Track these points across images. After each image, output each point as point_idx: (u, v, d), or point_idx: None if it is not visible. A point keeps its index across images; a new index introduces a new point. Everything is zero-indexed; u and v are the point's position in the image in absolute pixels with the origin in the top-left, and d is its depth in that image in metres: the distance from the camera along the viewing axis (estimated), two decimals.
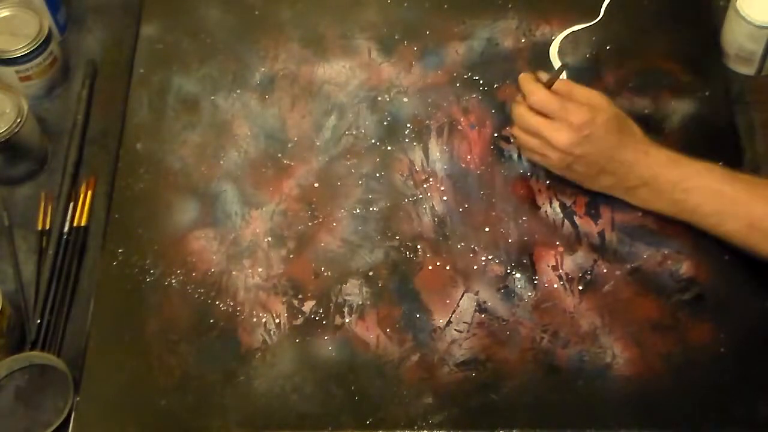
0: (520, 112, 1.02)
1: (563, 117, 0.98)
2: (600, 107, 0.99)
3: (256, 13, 1.21)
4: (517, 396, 0.94)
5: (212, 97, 1.14)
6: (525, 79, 1.03)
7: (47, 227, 1.06)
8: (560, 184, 1.05)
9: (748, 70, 1.14)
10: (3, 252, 1.05)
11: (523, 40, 1.16)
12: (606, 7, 1.18)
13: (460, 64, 1.15)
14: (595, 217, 1.03)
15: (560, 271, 1.00)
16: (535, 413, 0.93)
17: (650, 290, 0.99)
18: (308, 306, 0.99)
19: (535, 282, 0.99)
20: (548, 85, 1.01)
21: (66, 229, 1.06)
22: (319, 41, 1.18)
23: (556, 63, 1.14)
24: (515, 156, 1.07)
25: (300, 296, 1.00)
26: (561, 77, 1.05)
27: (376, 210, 1.05)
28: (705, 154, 1.06)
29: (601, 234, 1.02)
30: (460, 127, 1.10)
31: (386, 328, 0.98)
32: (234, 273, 1.02)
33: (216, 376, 0.96)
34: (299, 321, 0.99)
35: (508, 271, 1.00)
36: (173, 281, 1.01)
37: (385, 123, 1.11)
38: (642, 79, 1.12)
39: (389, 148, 1.09)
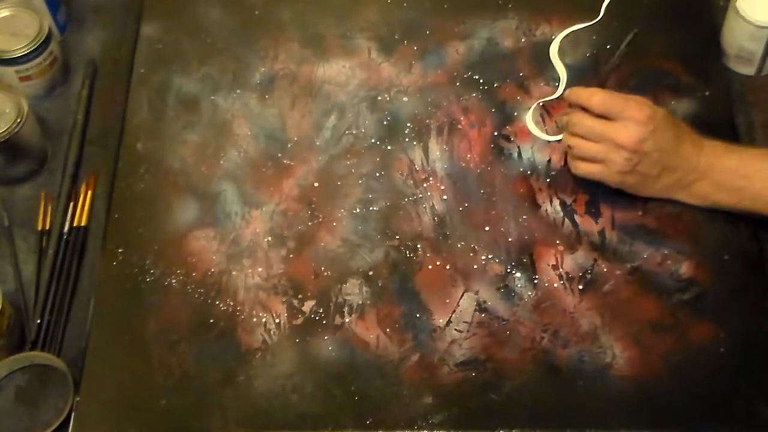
0: (578, 119, 1.00)
1: (627, 114, 0.97)
2: (652, 103, 0.98)
3: (256, 13, 1.21)
4: (517, 396, 0.94)
5: (212, 97, 1.14)
6: (576, 89, 1.02)
7: (47, 227, 1.06)
8: (560, 182, 1.05)
9: (748, 70, 1.14)
10: (3, 252, 1.05)
11: (523, 40, 1.16)
12: (606, 7, 1.18)
13: (460, 64, 1.15)
14: (595, 215, 1.03)
15: (560, 270, 1.00)
16: (535, 413, 0.93)
17: (650, 290, 0.99)
18: (308, 306, 0.99)
19: (536, 281, 0.99)
20: (601, 85, 1.02)
21: (66, 229, 1.06)
22: (319, 41, 1.18)
23: (557, 63, 1.14)
24: (515, 155, 1.07)
25: (300, 296, 1.00)
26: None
27: (376, 209, 1.05)
28: None
29: (602, 233, 1.02)
30: (460, 127, 1.10)
31: (386, 327, 0.98)
32: (234, 273, 1.02)
33: (216, 376, 0.96)
34: (299, 321, 0.99)
35: (508, 270, 1.00)
36: (173, 281, 1.01)
37: (385, 122, 1.11)
38: (642, 79, 1.12)
39: (389, 147, 1.09)
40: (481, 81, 1.13)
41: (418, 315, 0.98)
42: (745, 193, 0.96)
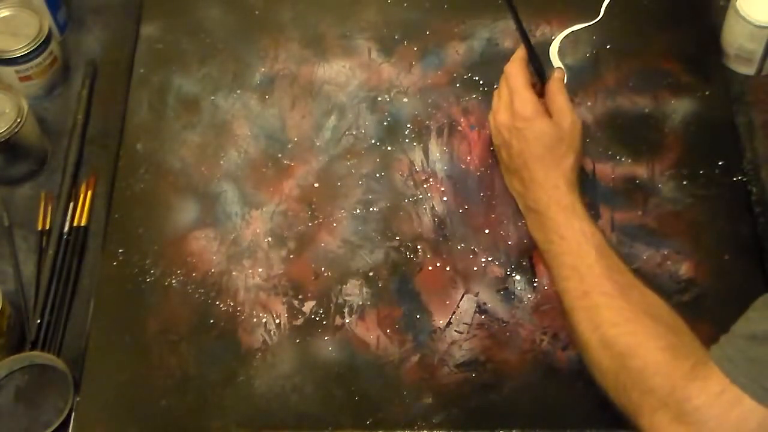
0: (505, 68, 1.02)
1: (513, 99, 0.99)
2: (555, 122, 0.97)
3: (256, 13, 1.21)
4: (516, 397, 0.94)
5: (212, 97, 1.14)
6: (519, 49, 1.02)
7: (47, 227, 1.06)
8: None
9: (748, 70, 1.14)
10: (3, 252, 1.05)
11: None
12: (606, 7, 1.18)
13: (460, 65, 1.15)
14: (594, 218, 1.02)
15: None
16: (534, 414, 0.93)
17: None
18: (308, 306, 1.00)
19: (535, 284, 0.99)
20: (535, 67, 1.02)
21: (66, 229, 1.06)
22: (319, 41, 1.18)
23: (556, 62, 1.14)
24: None
25: (300, 296, 1.00)
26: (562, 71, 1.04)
27: (376, 210, 1.05)
28: (705, 154, 1.07)
29: None
30: (460, 128, 1.10)
31: (386, 328, 0.98)
32: (234, 273, 1.02)
33: (216, 376, 0.96)
34: (299, 321, 0.99)
35: (508, 272, 1.00)
36: (173, 281, 1.01)
37: (385, 123, 1.11)
38: (642, 79, 1.12)
39: (389, 148, 1.09)
40: (481, 82, 1.13)
41: (418, 316, 0.98)
42: (550, 248, 0.93)
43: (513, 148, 0.99)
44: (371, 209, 1.05)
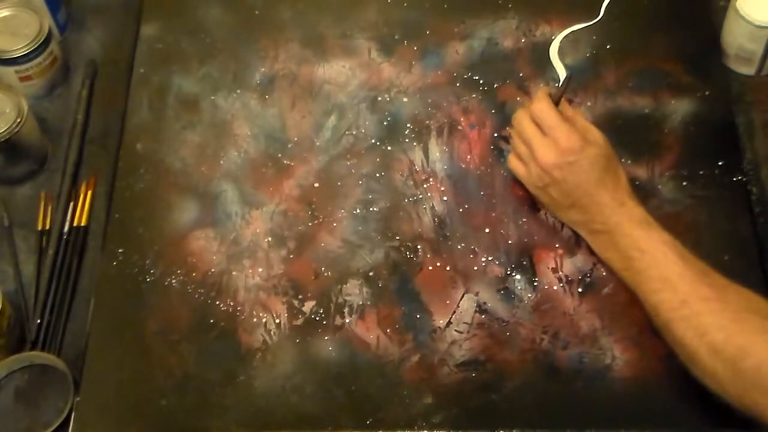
0: (519, 115, 1.01)
1: (554, 136, 0.97)
2: (594, 142, 0.97)
3: (256, 13, 1.21)
4: (517, 396, 0.94)
5: (212, 97, 1.14)
6: (540, 89, 1.02)
7: (47, 227, 1.06)
8: None
9: (748, 70, 1.14)
10: (3, 252, 1.05)
11: (523, 40, 1.16)
12: (606, 7, 1.18)
13: (460, 64, 1.15)
14: None
15: (560, 273, 1.00)
16: (535, 413, 0.93)
17: None
18: (308, 306, 1.00)
19: (535, 284, 0.99)
20: (555, 100, 1.00)
21: (66, 229, 1.06)
22: (319, 41, 1.18)
23: (557, 63, 1.14)
24: None
25: (300, 296, 1.00)
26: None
27: (376, 210, 1.05)
28: (705, 154, 1.07)
29: None
30: (460, 127, 1.10)
31: (386, 328, 0.98)
32: (234, 273, 1.02)
33: (216, 376, 0.96)
34: (299, 321, 0.99)
35: (508, 272, 1.00)
36: (173, 281, 1.01)
37: (385, 123, 1.11)
38: (642, 79, 1.12)
39: (389, 148, 1.09)
40: (481, 82, 1.13)
41: (418, 316, 0.98)
42: (632, 264, 0.93)
43: (567, 183, 0.96)
44: (371, 209, 1.05)
